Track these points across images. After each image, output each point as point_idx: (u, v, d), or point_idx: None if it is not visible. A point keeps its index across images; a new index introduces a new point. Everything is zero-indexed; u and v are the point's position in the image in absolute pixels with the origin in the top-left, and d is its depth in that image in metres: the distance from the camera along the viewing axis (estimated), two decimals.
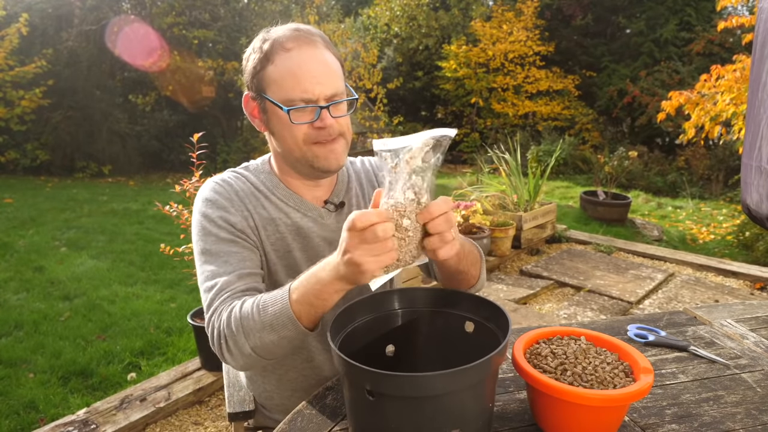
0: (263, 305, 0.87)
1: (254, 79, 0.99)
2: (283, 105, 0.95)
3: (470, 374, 0.68)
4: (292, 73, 0.94)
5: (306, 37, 0.96)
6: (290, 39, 0.95)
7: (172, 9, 8.75)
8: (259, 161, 1.13)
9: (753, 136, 1.10)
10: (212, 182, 1.07)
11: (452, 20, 11.56)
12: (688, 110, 4.17)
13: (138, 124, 8.99)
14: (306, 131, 0.97)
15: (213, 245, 0.99)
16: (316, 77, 0.95)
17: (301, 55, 0.95)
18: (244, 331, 0.87)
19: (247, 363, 0.91)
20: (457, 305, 0.92)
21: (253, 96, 1.01)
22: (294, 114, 0.95)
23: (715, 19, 9.65)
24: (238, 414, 1.20)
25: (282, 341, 0.87)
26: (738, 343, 1.15)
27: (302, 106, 0.95)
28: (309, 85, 0.94)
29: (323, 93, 0.96)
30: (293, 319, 0.84)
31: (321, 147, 0.99)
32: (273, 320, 0.85)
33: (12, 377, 2.52)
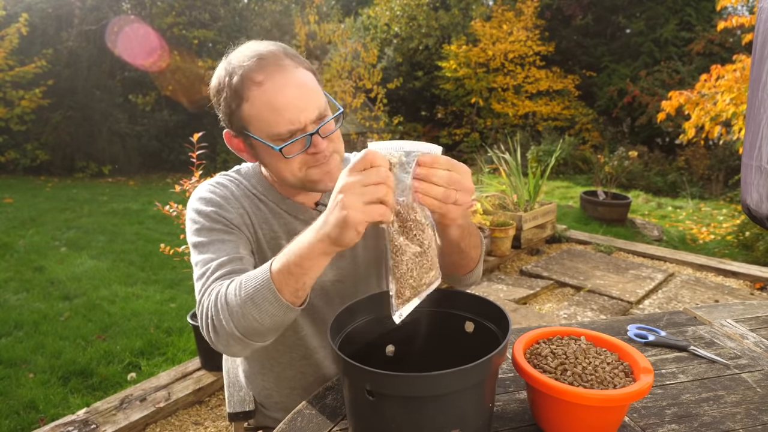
0: (245, 280, 0.84)
1: (233, 118, 0.95)
2: (271, 142, 0.92)
3: (470, 374, 0.68)
4: (272, 107, 0.90)
5: (273, 64, 0.91)
6: (257, 70, 0.90)
7: (172, 9, 8.75)
8: (250, 165, 1.11)
9: (753, 136, 1.10)
10: (207, 184, 1.06)
11: (452, 20, 11.56)
12: (688, 110, 4.17)
13: (138, 124, 8.98)
14: (300, 159, 0.95)
15: (206, 236, 0.97)
16: (297, 106, 0.91)
17: (274, 85, 0.90)
18: (229, 309, 0.83)
19: (234, 346, 0.86)
20: (457, 305, 0.92)
21: (235, 134, 0.99)
22: (287, 149, 0.93)
23: (715, 19, 9.65)
24: (238, 414, 1.20)
25: (264, 317, 0.81)
26: (738, 343, 1.15)
27: (292, 140, 0.92)
28: (292, 116, 0.91)
29: (309, 118, 0.93)
30: (273, 290, 0.79)
31: (317, 169, 0.97)
32: (254, 293, 0.81)
33: (12, 377, 2.52)
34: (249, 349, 0.88)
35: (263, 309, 0.81)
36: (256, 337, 0.85)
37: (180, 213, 2.41)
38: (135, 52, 8.37)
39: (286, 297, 0.80)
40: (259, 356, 1.16)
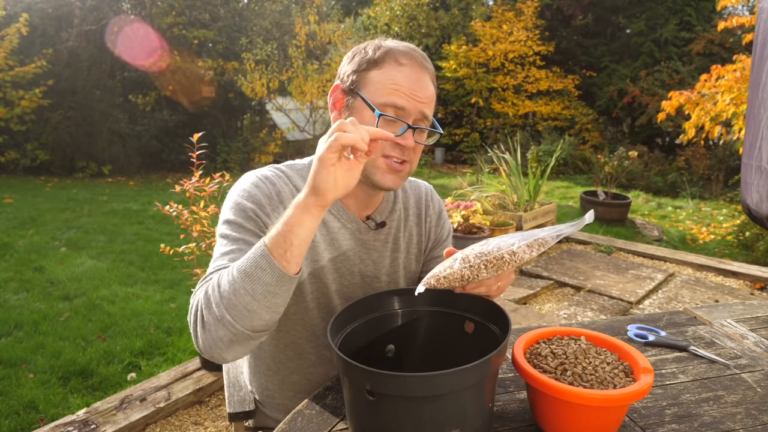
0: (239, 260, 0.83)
1: (354, 75, 0.98)
2: (376, 108, 0.94)
3: (470, 374, 0.68)
4: (397, 82, 0.94)
5: (421, 61, 0.98)
6: (405, 56, 0.96)
7: (172, 9, 8.75)
8: (306, 161, 1.10)
9: (753, 136, 1.10)
10: (254, 176, 1.04)
11: (452, 20, 11.56)
12: (688, 110, 4.18)
13: (138, 124, 8.98)
14: (383, 142, 0.96)
15: (235, 232, 0.96)
16: (417, 95, 0.95)
17: (411, 72, 0.95)
18: (220, 292, 0.81)
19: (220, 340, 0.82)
20: (457, 305, 0.92)
21: (345, 89, 1.00)
22: (383, 121, 0.95)
23: (715, 19, 9.66)
24: (238, 414, 1.20)
25: (256, 288, 0.78)
26: (738, 343, 1.15)
27: (392, 117, 0.94)
28: (408, 98, 0.94)
29: (417, 109, 0.96)
30: (267, 255, 0.78)
31: (387, 162, 0.98)
32: (247, 264, 0.79)
33: (12, 377, 2.51)
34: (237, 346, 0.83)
35: (256, 278, 0.79)
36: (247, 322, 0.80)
37: (180, 213, 2.41)
38: (135, 52, 8.37)
39: (276, 260, 0.78)
40: (266, 358, 1.15)
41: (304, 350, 1.10)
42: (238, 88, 8.80)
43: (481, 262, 0.80)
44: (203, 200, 2.42)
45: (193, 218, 2.43)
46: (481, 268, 0.80)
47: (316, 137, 9.80)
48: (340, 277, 1.06)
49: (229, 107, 9.62)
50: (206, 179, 2.42)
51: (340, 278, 1.06)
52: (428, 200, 1.21)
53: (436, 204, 1.23)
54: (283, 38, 9.08)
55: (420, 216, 1.18)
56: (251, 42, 8.82)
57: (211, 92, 9.05)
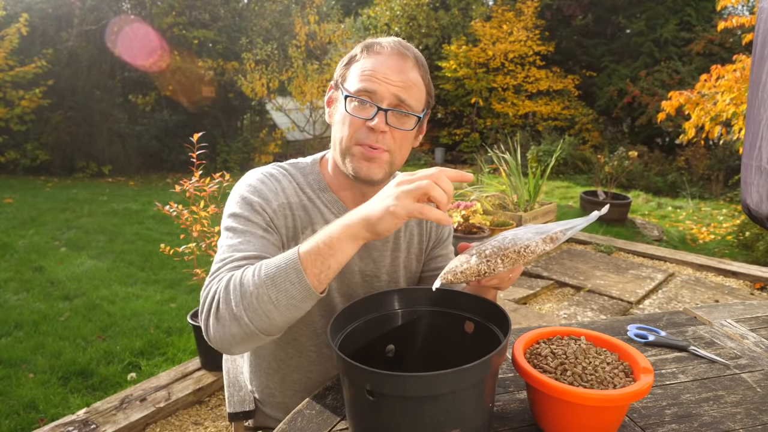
0: (267, 262, 0.82)
1: (340, 71, 1.01)
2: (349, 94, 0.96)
3: (470, 374, 0.68)
4: (369, 69, 0.96)
5: (399, 48, 0.98)
6: (384, 45, 0.98)
7: (172, 9, 8.75)
8: (309, 160, 1.11)
9: (753, 136, 1.10)
10: (259, 173, 1.04)
11: (452, 20, 11.56)
12: (688, 110, 4.18)
13: (138, 124, 8.98)
14: (356, 127, 0.96)
15: (241, 225, 0.95)
16: (389, 78, 0.95)
17: (385, 60, 0.96)
18: (242, 290, 0.80)
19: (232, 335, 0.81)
20: (457, 305, 0.92)
21: (333, 85, 1.04)
22: (351, 103, 0.96)
23: (715, 19, 9.66)
24: (238, 414, 1.20)
25: (281, 299, 0.78)
26: (738, 343, 1.15)
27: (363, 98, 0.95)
28: (379, 82, 0.94)
29: (389, 92, 0.95)
30: (299, 269, 0.77)
31: (360, 150, 0.97)
32: (276, 273, 0.79)
33: (12, 377, 2.51)
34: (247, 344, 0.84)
35: (283, 289, 0.78)
36: (263, 325, 0.80)
37: (180, 213, 2.41)
38: (135, 52, 8.37)
39: (309, 278, 0.78)
40: (267, 356, 1.15)
41: (305, 348, 1.10)
42: (238, 88, 8.80)
43: (498, 257, 0.81)
44: (203, 200, 2.42)
45: (193, 218, 2.43)
46: (498, 263, 0.81)
47: (315, 137, 9.81)
48: (340, 276, 1.06)
49: (229, 107, 9.62)
50: (206, 179, 2.42)
51: (341, 276, 1.06)
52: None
53: None
54: (283, 38, 9.08)
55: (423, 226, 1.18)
56: (251, 42, 8.82)
57: (211, 92, 9.05)
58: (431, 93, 1.04)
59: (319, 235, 0.80)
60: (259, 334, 0.81)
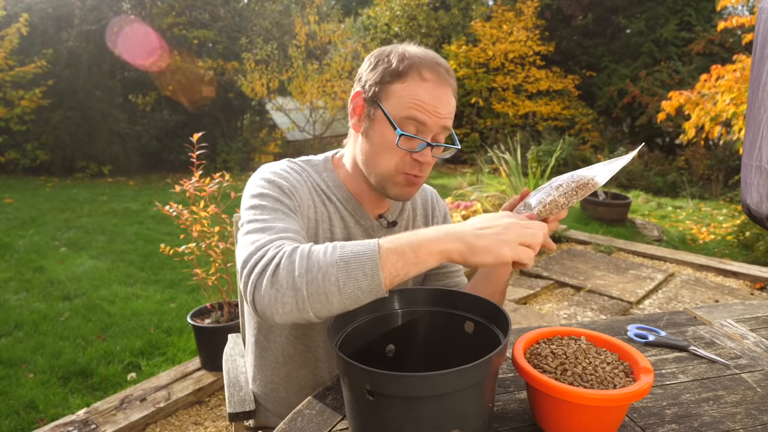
0: (342, 244, 0.77)
1: (376, 86, 0.97)
2: (397, 124, 0.95)
3: (470, 374, 0.68)
4: (419, 98, 0.94)
5: (445, 76, 0.97)
6: (430, 70, 0.96)
7: (172, 9, 8.75)
8: (321, 158, 1.11)
9: (753, 136, 1.10)
10: (279, 163, 1.04)
11: (452, 20, 11.56)
12: (688, 110, 4.17)
13: (138, 124, 8.98)
14: (401, 158, 0.98)
15: (271, 203, 0.92)
16: (438, 111, 0.95)
17: (434, 87, 0.95)
18: (309, 263, 0.75)
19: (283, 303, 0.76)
20: (457, 305, 0.92)
21: (366, 98, 1.00)
22: (404, 139, 0.96)
23: (715, 19, 9.66)
24: (238, 414, 1.20)
25: (348, 286, 0.74)
26: (738, 343, 1.15)
27: (412, 135, 0.95)
28: (429, 115, 0.95)
29: (437, 125, 0.96)
30: (376, 262, 0.74)
31: (405, 177, 0.99)
32: (351, 258, 0.75)
33: (12, 377, 2.52)
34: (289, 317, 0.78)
35: (353, 276, 0.74)
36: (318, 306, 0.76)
37: (180, 213, 2.41)
38: (135, 52, 8.37)
39: (384, 275, 0.74)
40: (275, 350, 1.15)
41: (315, 343, 1.11)
42: (238, 88, 8.80)
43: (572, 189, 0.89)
44: (203, 200, 2.42)
45: (193, 218, 2.44)
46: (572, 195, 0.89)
47: (315, 137, 9.81)
48: None
49: (229, 107, 9.62)
50: (206, 179, 2.42)
51: None
52: (434, 202, 1.25)
53: (442, 206, 1.27)
54: (283, 38, 9.08)
55: (427, 217, 1.22)
56: (251, 42, 8.82)
57: (211, 92, 9.05)
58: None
59: (409, 237, 0.77)
60: (309, 313, 0.77)
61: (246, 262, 0.81)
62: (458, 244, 0.76)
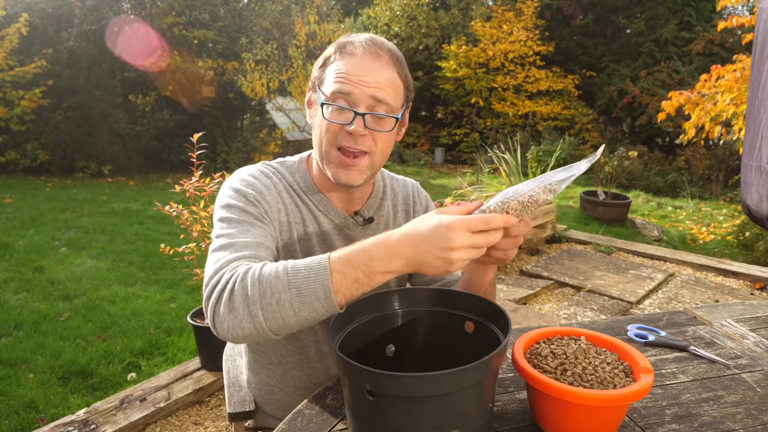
0: (294, 267, 0.78)
1: (316, 73, 1.01)
2: (326, 99, 0.96)
3: (470, 374, 0.68)
4: (345, 71, 0.95)
5: (374, 49, 0.97)
6: (360, 45, 0.97)
7: (172, 9, 8.75)
8: (296, 158, 1.12)
9: (753, 136, 1.10)
10: (250, 169, 1.05)
11: (452, 20, 11.56)
12: (688, 110, 4.17)
13: (138, 124, 8.98)
14: (335, 131, 0.96)
15: (237, 215, 0.94)
16: (363, 79, 0.94)
17: (361, 60, 0.95)
18: (261, 288, 0.77)
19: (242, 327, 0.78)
20: (457, 305, 0.92)
21: (311, 87, 1.03)
22: (328, 110, 0.96)
23: (715, 19, 9.66)
24: (238, 414, 1.20)
25: (302, 310, 0.76)
26: (738, 343, 1.15)
27: (341, 105, 0.94)
28: (354, 85, 0.93)
29: (365, 95, 0.94)
30: (328, 287, 0.75)
31: (341, 156, 0.97)
32: (303, 284, 0.76)
33: (12, 377, 2.52)
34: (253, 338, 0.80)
35: (307, 302, 0.76)
36: (277, 327, 0.78)
37: (180, 213, 2.41)
38: (135, 52, 8.36)
39: (337, 299, 0.77)
40: (267, 351, 1.15)
41: (305, 344, 1.11)
42: (238, 88, 8.79)
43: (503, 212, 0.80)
44: (203, 200, 2.42)
45: (193, 218, 2.43)
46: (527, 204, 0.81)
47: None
48: None
49: (229, 107, 9.61)
50: (206, 179, 2.42)
51: None
52: (415, 196, 1.22)
53: (423, 199, 1.24)
54: (283, 38, 9.08)
55: (408, 212, 1.19)
56: (251, 42, 8.82)
57: (211, 92, 9.04)
58: (410, 87, 1.03)
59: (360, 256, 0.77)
60: (269, 333, 0.79)
61: (206, 286, 0.83)
62: (404, 263, 0.76)
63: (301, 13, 9.27)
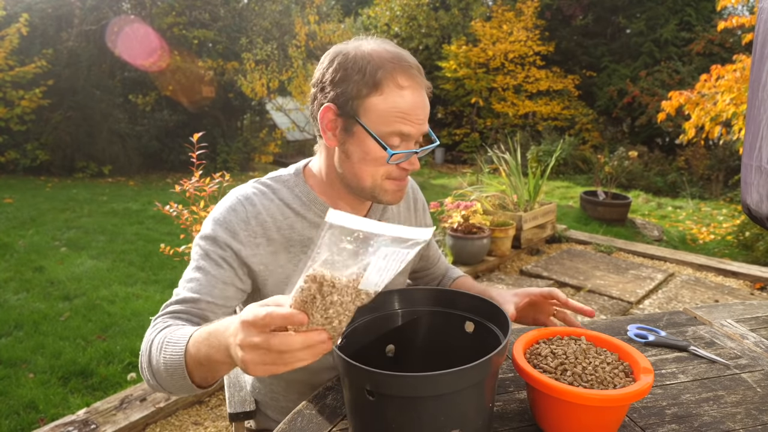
0: (167, 342, 0.83)
1: (351, 101, 0.92)
2: (382, 140, 0.92)
3: (470, 374, 0.68)
4: (401, 109, 0.91)
5: (419, 78, 0.94)
6: (404, 75, 0.91)
7: (172, 9, 8.75)
8: (291, 171, 1.07)
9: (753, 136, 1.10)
10: (234, 198, 1.00)
11: (452, 20, 11.56)
12: (688, 110, 4.17)
13: (138, 124, 8.98)
14: (387, 169, 0.96)
15: (201, 261, 0.97)
16: (420, 118, 0.94)
17: (413, 96, 0.92)
18: (152, 369, 0.86)
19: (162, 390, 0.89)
20: (457, 305, 0.92)
21: (340, 114, 0.94)
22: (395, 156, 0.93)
23: (715, 19, 9.66)
24: (238, 414, 1.20)
25: (182, 386, 0.83)
26: (738, 343, 1.15)
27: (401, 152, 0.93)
28: (412, 125, 0.93)
29: (420, 133, 0.95)
30: (184, 370, 0.80)
31: (394, 184, 0.98)
32: (170, 369, 0.82)
33: (12, 377, 2.52)
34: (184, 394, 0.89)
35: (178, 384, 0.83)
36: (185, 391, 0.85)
37: (180, 213, 2.41)
38: (135, 52, 8.36)
39: (195, 380, 0.81)
40: None
41: None
42: (238, 88, 8.80)
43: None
44: (203, 200, 2.42)
45: (193, 218, 2.43)
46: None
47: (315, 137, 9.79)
48: None
49: (229, 107, 9.61)
50: (206, 179, 2.42)
51: None
52: (415, 194, 1.24)
53: (421, 198, 1.26)
54: (283, 38, 9.08)
55: (410, 209, 1.21)
56: (251, 42, 8.82)
57: (211, 92, 9.04)
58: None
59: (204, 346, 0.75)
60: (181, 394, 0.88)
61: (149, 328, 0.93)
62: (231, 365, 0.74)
63: (301, 13, 9.27)
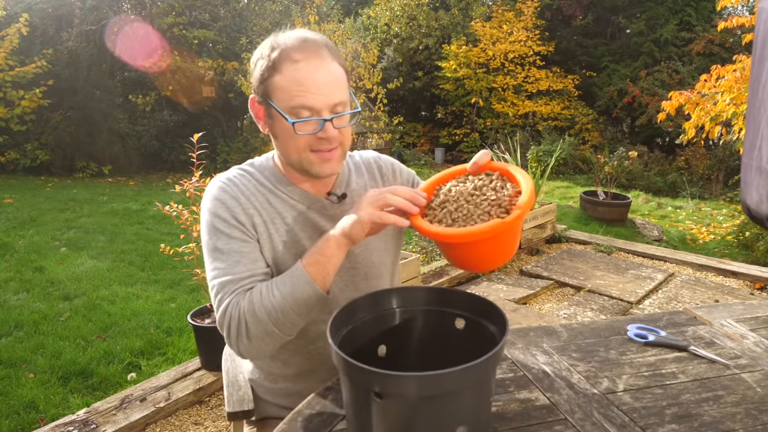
0: (280, 280, 0.96)
1: (261, 86, 1.01)
2: (288, 115, 0.98)
3: (470, 373, 0.68)
4: (299, 83, 0.96)
5: (314, 49, 0.98)
6: (298, 50, 0.97)
7: (172, 9, 8.75)
8: (263, 158, 1.15)
9: (753, 136, 1.10)
10: (219, 181, 1.09)
11: (452, 20, 11.57)
12: (689, 110, 4.17)
13: (138, 124, 8.99)
14: (307, 140, 1.00)
15: (225, 244, 1.03)
16: (321, 88, 0.97)
17: (308, 66, 0.97)
18: (266, 310, 0.94)
19: (265, 345, 0.97)
20: (454, 304, 0.92)
21: (259, 101, 1.04)
22: (298, 126, 0.98)
23: (715, 19, 9.66)
24: (237, 413, 1.20)
25: (302, 308, 0.94)
26: (738, 343, 1.15)
27: (306, 118, 0.98)
28: (313, 96, 0.97)
29: (327, 103, 0.98)
30: (310, 281, 0.93)
31: (317, 155, 1.02)
32: (293, 289, 0.94)
33: (12, 377, 2.52)
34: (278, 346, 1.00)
35: (303, 302, 0.94)
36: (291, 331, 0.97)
37: (180, 213, 2.41)
38: (135, 52, 8.36)
39: (319, 284, 0.94)
40: None
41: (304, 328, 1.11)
42: (238, 88, 8.79)
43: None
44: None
45: (193, 218, 2.44)
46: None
47: None
48: None
49: (229, 107, 9.62)
50: (206, 179, 2.42)
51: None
52: (377, 161, 1.25)
53: (385, 162, 1.27)
54: None
55: (375, 179, 1.22)
56: (251, 42, 8.82)
57: (211, 92, 9.05)
58: (346, 68, 1.06)
59: (315, 246, 0.97)
60: (286, 339, 0.99)
61: (221, 326, 0.99)
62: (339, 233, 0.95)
63: (301, 13, 9.27)
